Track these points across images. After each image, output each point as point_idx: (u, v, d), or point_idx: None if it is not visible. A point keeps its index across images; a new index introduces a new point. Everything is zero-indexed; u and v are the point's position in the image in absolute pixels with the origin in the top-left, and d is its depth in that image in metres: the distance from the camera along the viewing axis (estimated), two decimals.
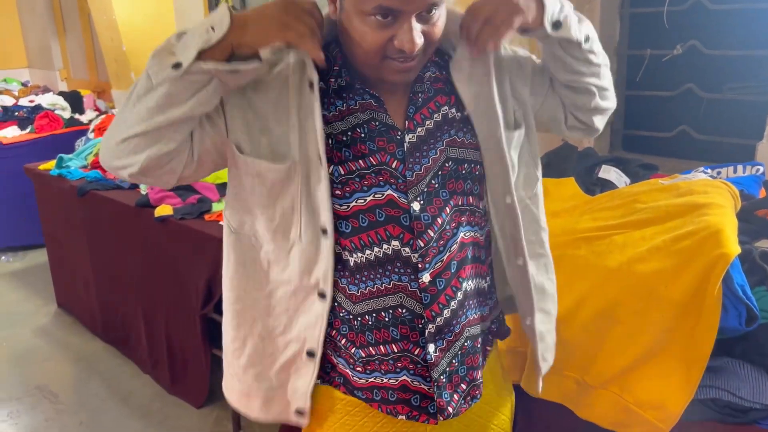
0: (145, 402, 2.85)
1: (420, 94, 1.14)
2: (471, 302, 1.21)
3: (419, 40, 1.02)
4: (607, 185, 2.06)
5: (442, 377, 1.18)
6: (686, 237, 1.48)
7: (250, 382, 1.24)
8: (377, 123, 1.11)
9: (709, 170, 1.93)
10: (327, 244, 1.12)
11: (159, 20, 4.60)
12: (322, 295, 1.14)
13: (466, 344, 1.21)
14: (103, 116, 4.17)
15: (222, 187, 2.78)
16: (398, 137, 1.12)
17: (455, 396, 1.21)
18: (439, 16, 1.05)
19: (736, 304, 1.37)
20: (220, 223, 2.13)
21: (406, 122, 1.12)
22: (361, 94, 1.12)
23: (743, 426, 1.36)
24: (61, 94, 5.21)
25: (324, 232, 1.11)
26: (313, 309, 1.16)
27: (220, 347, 1.32)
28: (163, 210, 2.70)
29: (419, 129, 1.13)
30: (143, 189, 3.00)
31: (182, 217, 2.63)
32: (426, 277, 1.13)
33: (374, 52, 1.03)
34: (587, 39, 1.14)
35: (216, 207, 2.69)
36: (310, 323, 1.17)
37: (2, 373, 3.16)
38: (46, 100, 5.03)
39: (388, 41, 1.02)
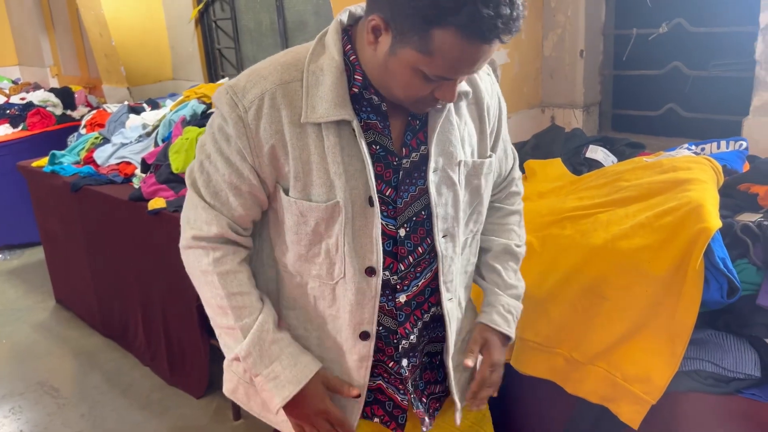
0: (145, 393, 2.88)
1: (418, 121, 1.13)
2: (435, 324, 1.26)
3: (457, 94, 1.06)
4: (595, 165, 2.07)
5: (413, 390, 1.25)
6: (668, 213, 1.49)
7: None
8: (377, 147, 1.11)
9: (693, 147, 1.94)
10: (374, 282, 1.12)
11: (147, 14, 4.60)
12: (364, 336, 1.16)
13: (424, 359, 1.27)
14: (94, 112, 4.15)
15: None
16: (395, 163, 1.12)
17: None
18: None
19: (717, 277, 1.39)
20: None
21: (403, 149, 1.13)
22: (367, 113, 1.10)
23: (727, 396, 1.38)
24: (52, 90, 5.20)
25: (371, 272, 1.12)
26: (356, 349, 1.18)
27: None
28: (156, 203, 2.72)
29: (413, 155, 1.13)
30: (136, 183, 3.02)
31: (175, 209, 2.64)
32: (402, 298, 1.17)
33: (413, 98, 1.04)
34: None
35: None
36: (354, 365, 1.19)
37: (3, 370, 3.19)
38: (37, 97, 5.02)
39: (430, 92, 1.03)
